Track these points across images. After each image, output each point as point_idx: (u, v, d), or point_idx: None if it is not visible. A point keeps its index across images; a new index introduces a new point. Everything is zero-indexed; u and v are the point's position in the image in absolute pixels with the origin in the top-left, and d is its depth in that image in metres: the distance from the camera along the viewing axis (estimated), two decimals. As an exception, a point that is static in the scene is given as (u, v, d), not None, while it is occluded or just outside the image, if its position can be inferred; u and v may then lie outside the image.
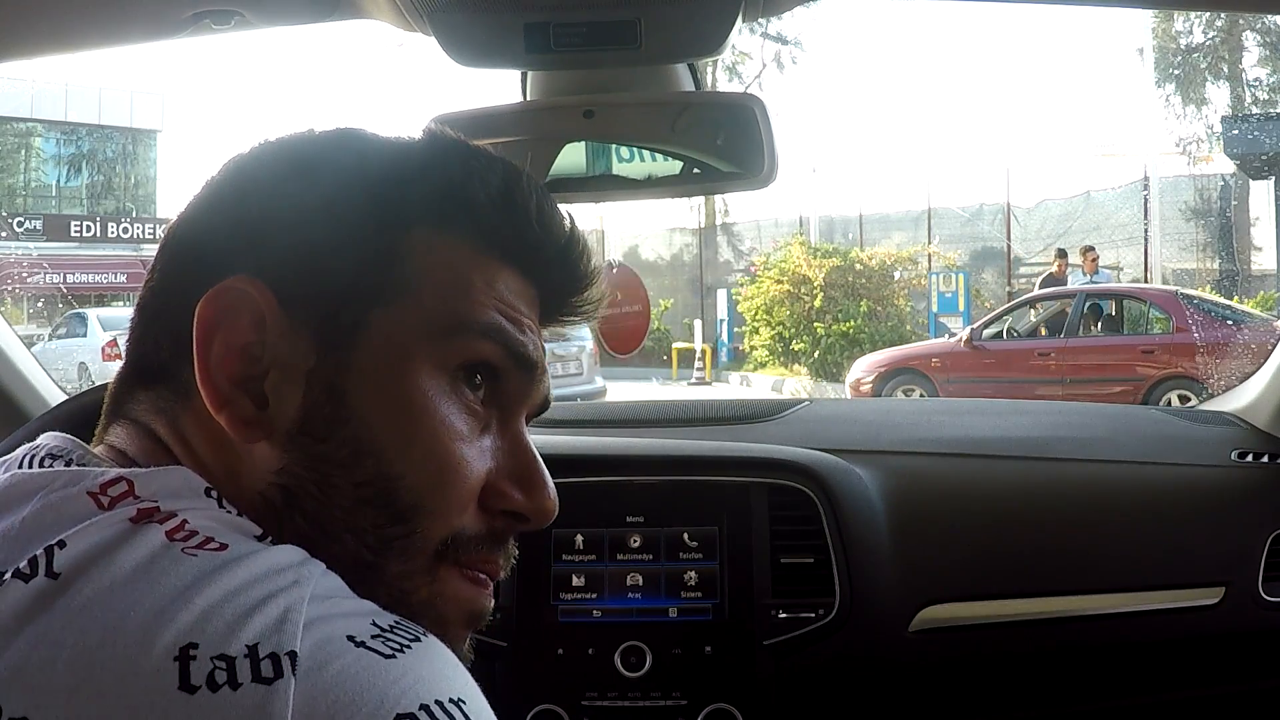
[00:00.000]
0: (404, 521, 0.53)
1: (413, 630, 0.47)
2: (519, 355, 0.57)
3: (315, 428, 0.52)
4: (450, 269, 0.55)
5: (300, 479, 0.52)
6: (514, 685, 1.21)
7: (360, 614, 0.46)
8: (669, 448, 1.37)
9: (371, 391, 0.53)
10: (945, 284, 12.64)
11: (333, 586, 0.48)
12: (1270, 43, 17.38)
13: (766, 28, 19.74)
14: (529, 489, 0.58)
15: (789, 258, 13.11)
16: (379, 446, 0.52)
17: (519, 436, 0.58)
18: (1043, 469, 1.40)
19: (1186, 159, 16.68)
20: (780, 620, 1.22)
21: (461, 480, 0.54)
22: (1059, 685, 1.30)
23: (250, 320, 0.53)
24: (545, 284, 0.60)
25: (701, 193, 1.23)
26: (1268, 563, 1.30)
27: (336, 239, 0.54)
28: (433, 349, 0.54)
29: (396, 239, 0.55)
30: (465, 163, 0.58)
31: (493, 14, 0.98)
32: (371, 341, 0.53)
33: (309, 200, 0.55)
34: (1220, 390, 1.66)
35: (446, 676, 0.45)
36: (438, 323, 0.54)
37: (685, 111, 1.11)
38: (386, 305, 0.54)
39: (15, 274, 10.44)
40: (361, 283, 0.54)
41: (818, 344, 12.35)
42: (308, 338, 0.53)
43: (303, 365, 0.53)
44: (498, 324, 0.56)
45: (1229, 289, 12.17)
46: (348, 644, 0.43)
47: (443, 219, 0.56)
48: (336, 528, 0.52)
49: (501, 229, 0.57)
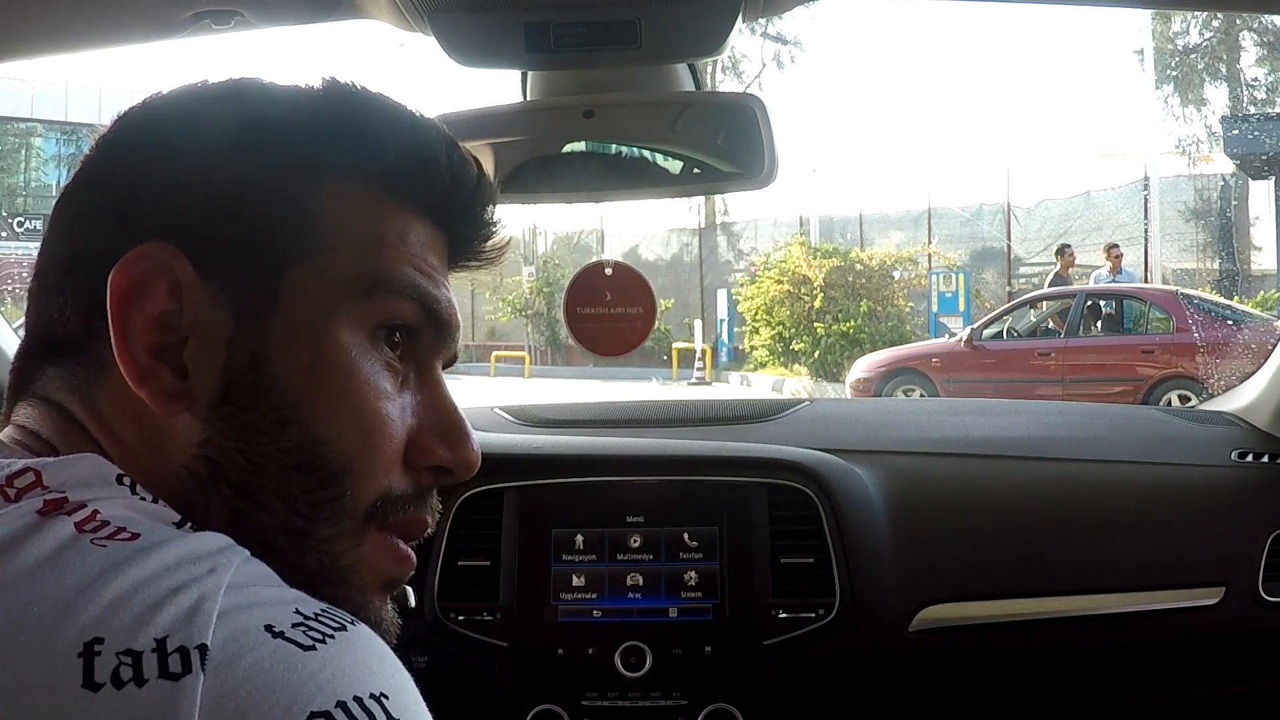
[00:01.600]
0: (334, 484, 0.52)
1: (339, 618, 0.45)
2: (435, 313, 0.56)
3: (238, 396, 0.51)
4: (363, 223, 0.54)
5: (225, 450, 0.51)
6: (514, 685, 1.22)
7: (282, 602, 0.44)
8: (669, 448, 1.37)
9: (293, 356, 0.51)
10: (945, 284, 12.64)
11: (254, 574, 0.46)
12: (1269, 43, 17.39)
13: (766, 28, 19.75)
14: (452, 443, 0.56)
15: (789, 258, 13.10)
16: (304, 412, 0.51)
17: (438, 388, 0.57)
18: (1043, 469, 1.40)
19: (1186, 159, 16.70)
20: (780, 620, 1.22)
21: (388, 439, 0.54)
22: (1059, 685, 1.30)
23: (166, 287, 0.51)
24: (454, 232, 0.59)
25: (701, 193, 1.23)
26: (1268, 563, 1.30)
27: (246, 198, 0.52)
28: (351, 308, 0.53)
29: (307, 195, 0.53)
30: (372, 111, 0.56)
31: (493, 14, 0.98)
32: (289, 304, 0.52)
33: (213, 157, 0.53)
34: (1220, 390, 1.66)
35: (370, 669, 0.43)
36: (355, 281, 0.53)
37: (685, 111, 1.11)
38: (302, 264, 0.52)
39: (15, 274, 10.44)
40: (275, 243, 0.52)
41: (818, 344, 12.35)
42: (225, 303, 0.51)
43: (222, 332, 0.51)
44: (414, 281, 0.55)
45: (1229, 289, 12.17)
46: (264, 635, 0.41)
47: (352, 171, 0.54)
48: (265, 496, 0.51)
49: (413, 179, 0.56)
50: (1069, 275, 10.87)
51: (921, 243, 14.13)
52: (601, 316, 1.20)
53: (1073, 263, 11.09)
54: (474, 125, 1.11)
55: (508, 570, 1.26)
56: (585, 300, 1.21)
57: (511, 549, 1.26)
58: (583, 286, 1.21)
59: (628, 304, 1.20)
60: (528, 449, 1.36)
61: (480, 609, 1.24)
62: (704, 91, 1.21)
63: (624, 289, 1.20)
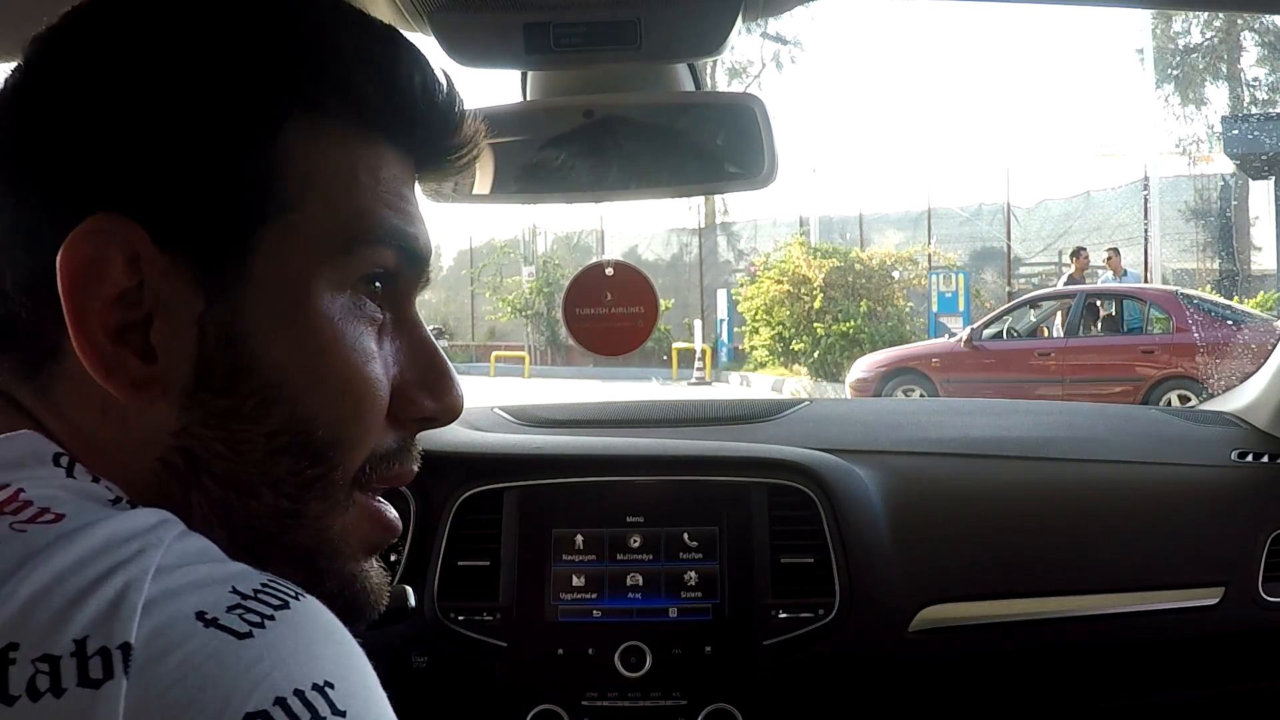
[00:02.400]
0: (324, 461, 0.48)
1: (281, 593, 0.41)
2: (414, 251, 0.51)
3: (215, 381, 0.46)
4: (334, 167, 0.48)
5: (204, 439, 0.46)
6: (514, 685, 1.22)
7: (217, 580, 0.40)
8: (669, 448, 1.37)
9: (272, 331, 0.47)
10: (945, 284, 12.64)
11: (189, 550, 0.42)
12: (1269, 43, 17.39)
13: (766, 28, 19.75)
14: (437, 390, 0.53)
15: (789, 258, 13.11)
16: (289, 390, 0.47)
17: (416, 329, 0.53)
18: (1043, 469, 1.40)
19: (1186, 159, 16.71)
20: (780, 620, 1.22)
21: (378, 403, 0.50)
22: (1059, 685, 1.30)
23: (124, 262, 0.45)
24: (425, 154, 0.54)
25: (701, 193, 1.23)
26: (1268, 563, 1.30)
27: (201, 152, 0.46)
28: (331, 268, 0.48)
29: (270, 142, 0.47)
30: (334, 30, 0.49)
31: (492, 14, 0.98)
32: (263, 270, 0.46)
33: (157, 105, 0.45)
34: (1220, 390, 1.66)
35: (314, 654, 0.39)
36: (332, 237, 0.48)
37: (685, 112, 1.11)
38: (272, 223, 0.46)
39: None
40: (240, 200, 0.46)
41: (818, 344, 12.35)
42: (190, 275, 0.46)
43: (191, 309, 0.46)
44: (393, 226, 0.50)
45: (1229, 289, 12.17)
46: (195, 625, 0.38)
47: (319, 105, 0.48)
48: (252, 484, 0.47)
49: (384, 107, 0.50)
50: (1084, 279, 10.81)
51: (921, 243, 14.13)
52: (601, 316, 1.20)
53: (1087, 265, 11.06)
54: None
55: (508, 570, 1.26)
56: (585, 300, 1.21)
57: (511, 549, 1.26)
58: (583, 287, 1.21)
59: (628, 304, 1.20)
60: (528, 449, 1.36)
61: (480, 609, 1.24)
62: (704, 91, 1.21)
63: (625, 288, 1.20)
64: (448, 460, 1.32)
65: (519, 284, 16.93)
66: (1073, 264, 11.09)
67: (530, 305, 16.48)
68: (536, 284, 16.48)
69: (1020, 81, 47.50)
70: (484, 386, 13.49)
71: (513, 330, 17.37)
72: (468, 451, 1.34)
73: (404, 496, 1.28)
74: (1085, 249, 11.37)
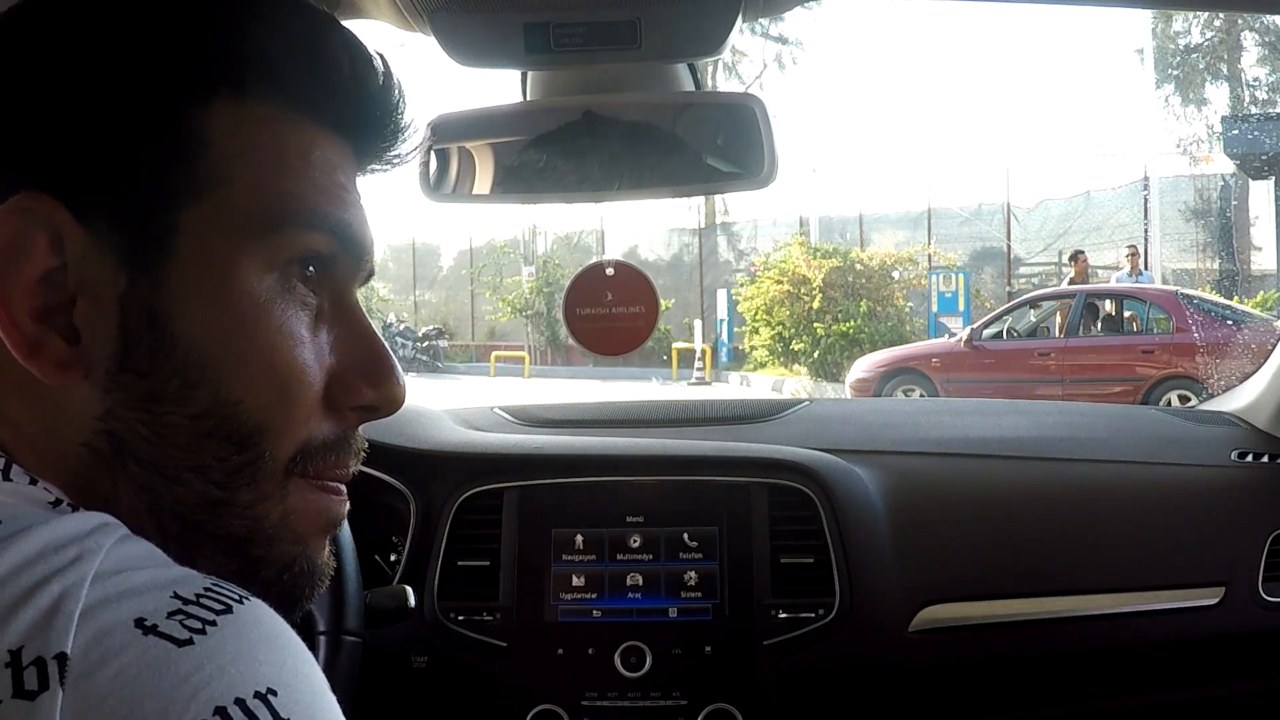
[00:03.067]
0: (251, 447, 0.47)
1: (224, 597, 0.40)
2: (348, 238, 0.50)
3: (137, 361, 0.45)
4: (261, 147, 0.47)
5: (128, 421, 0.46)
6: (514, 685, 1.22)
7: (158, 586, 0.39)
8: (669, 448, 1.37)
9: (195, 310, 0.46)
10: (945, 284, 12.64)
11: (129, 555, 0.41)
12: (1270, 43, 17.39)
13: (767, 28, 19.75)
14: (376, 379, 0.51)
15: (789, 258, 13.11)
16: (212, 372, 0.46)
17: (355, 317, 0.52)
18: (1043, 469, 1.40)
19: (1186, 159, 16.69)
20: (780, 620, 1.22)
21: (307, 388, 0.49)
22: (1059, 685, 1.30)
23: (47, 242, 0.44)
24: (362, 138, 0.52)
25: (701, 193, 1.23)
26: (1268, 563, 1.30)
27: (122, 130, 0.45)
28: (257, 248, 0.47)
29: (193, 121, 0.46)
30: (261, 11, 0.49)
31: (492, 14, 0.99)
32: (187, 250, 0.46)
33: (79, 81, 0.45)
34: (1220, 390, 1.66)
35: (256, 659, 0.38)
36: (258, 217, 0.47)
37: (685, 112, 1.12)
38: (196, 203, 0.46)
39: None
40: (163, 179, 0.45)
41: (818, 344, 12.36)
42: (113, 254, 0.45)
43: (113, 289, 0.45)
44: (321, 210, 0.49)
45: (1229, 289, 12.17)
46: (134, 633, 0.37)
47: (244, 85, 0.47)
48: (177, 469, 0.46)
49: (312, 87, 0.49)
50: (1085, 281, 10.74)
51: (921, 242, 14.14)
52: (601, 316, 1.20)
53: (1087, 267, 11.03)
54: (474, 125, 1.11)
55: (507, 570, 1.26)
56: (585, 300, 1.21)
57: (511, 549, 1.26)
58: (583, 286, 1.21)
59: (629, 303, 1.20)
60: (528, 449, 1.36)
61: (480, 609, 1.24)
62: (704, 92, 1.21)
63: (625, 288, 1.20)
64: (448, 460, 1.32)
65: (519, 284, 16.93)
66: (1073, 267, 11.07)
67: (530, 305, 16.49)
68: (536, 284, 16.49)
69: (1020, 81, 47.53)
70: (484, 386, 13.50)
71: (513, 330, 17.38)
72: (468, 451, 1.34)
73: (404, 496, 1.29)
74: (1084, 252, 11.36)
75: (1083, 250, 11.51)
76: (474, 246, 19.21)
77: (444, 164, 1.12)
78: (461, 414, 1.50)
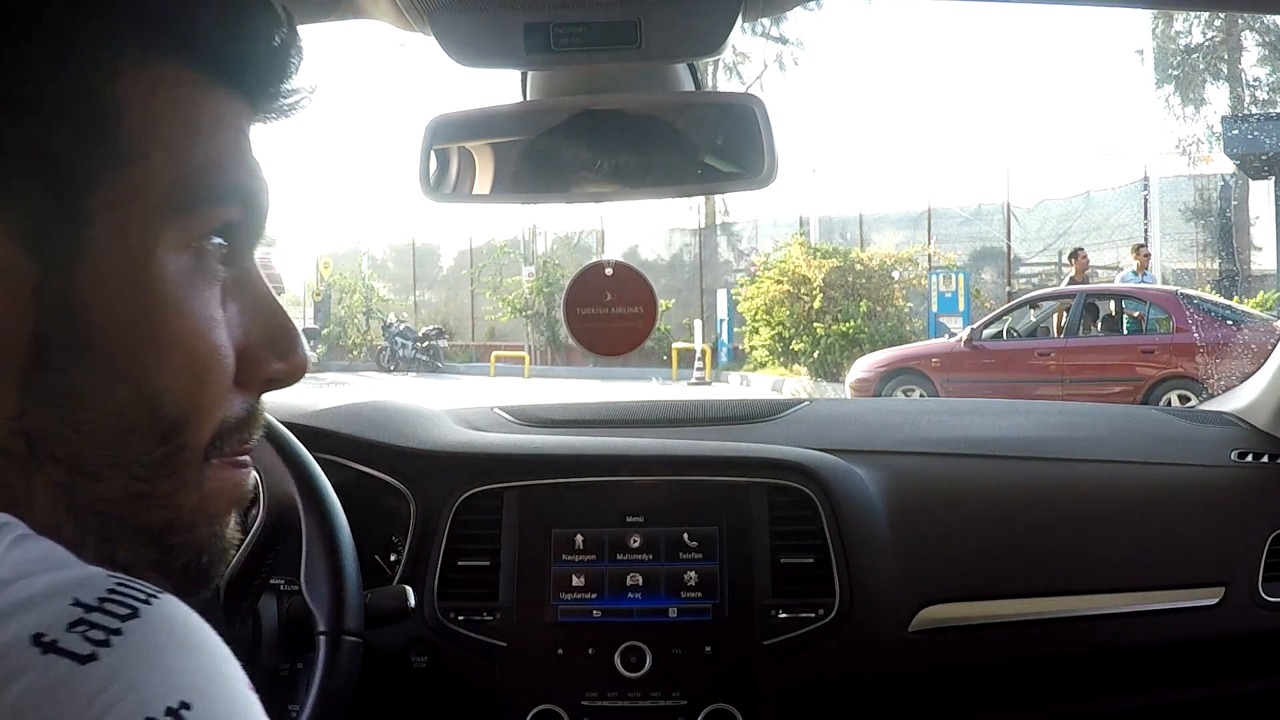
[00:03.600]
0: (172, 438, 0.45)
1: (130, 598, 0.37)
2: (256, 205, 0.48)
3: (54, 357, 0.42)
4: (175, 116, 0.45)
5: (46, 420, 0.43)
6: (514, 685, 1.22)
7: (57, 593, 0.36)
8: (669, 448, 1.37)
9: (115, 300, 0.43)
10: (945, 284, 12.65)
11: (26, 559, 0.38)
12: (1270, 43, 17.40)
13: (768, 29, 19.75)
14: (284, 351, 0.50)
15: (789, 258, 13.11)
16: (135, 364, 0.44)
17: (256, 285, 0.50)
18: (1043, 469, 1.40)
19: (1186, 159, 16.71)
20: (780, 620, 1.22)
21: (223, 371, 0.47)
22: (1059, 685, 1.30)
23: None
24: (263, 93, 0.50)
25: (701, 193, 1.23)
26: (1268, 563, 1.30)
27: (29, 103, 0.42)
28: (173, 229, 0.44)
29: (105, 88, 0.43)
30: None
31: (492, 14, 0.98)
32: (102, 234, 0.43)
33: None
34: (1220, 390, 1.66)
35: (168, 670, 0.36)
36: (174, 194, 0.44)
37: (685, 111, 1.11)
38: (111, 182, 0.43)
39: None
40: (74, 156, 0.42)
41: (818, 344, 12.36)
42: (23, 242, 0.42)
43: (25, 280, 0.42)
44: (236, 181, 0.47)
45: (1229, 289, 12.18)
46: (32, 651, 0.34)
47: (150, 44, 0.44)
48: (98, 465, 0.44)
49: (225, 50, 0.47)
50: (1085, 280, 10.70)
51: (921, 243, 14.14)
52: (601, 316, 1.20)
53: (1087, 266, 11.00)
54: (474, 125, 1.11)
55: (507, 570, 1.26)
56: (585, 300, 1.21)
57: (511, 549, 1.26)
58: (583, 287, 1.21)
59: (628, 303, 1.20)
60: (528, 449, 1.36)
61: (480, 609, 1.24)
62: (704, 91, 1.21)
63: (625, 288, 1.20)
64: (448, 460, 1.32)
65: (519, 284, 16.93)
66: (1072, 265, 11.05)
67: (530, 305, 16.49)
68: (536, 284, 16.49)
69: (1020, 81, 47.56)
70: (484, 386, 13.50)
71: (513, 330, 17.38)
72: (468, 451, 1.34)
73: (404, 496, 1.29)
74: (1083, 250, 11.33)
75: (1082, 248, 11.49)
76: (474, 246, 19.21)
77: (444, 164, 1.12)
78: (461, 414, 1.50)
